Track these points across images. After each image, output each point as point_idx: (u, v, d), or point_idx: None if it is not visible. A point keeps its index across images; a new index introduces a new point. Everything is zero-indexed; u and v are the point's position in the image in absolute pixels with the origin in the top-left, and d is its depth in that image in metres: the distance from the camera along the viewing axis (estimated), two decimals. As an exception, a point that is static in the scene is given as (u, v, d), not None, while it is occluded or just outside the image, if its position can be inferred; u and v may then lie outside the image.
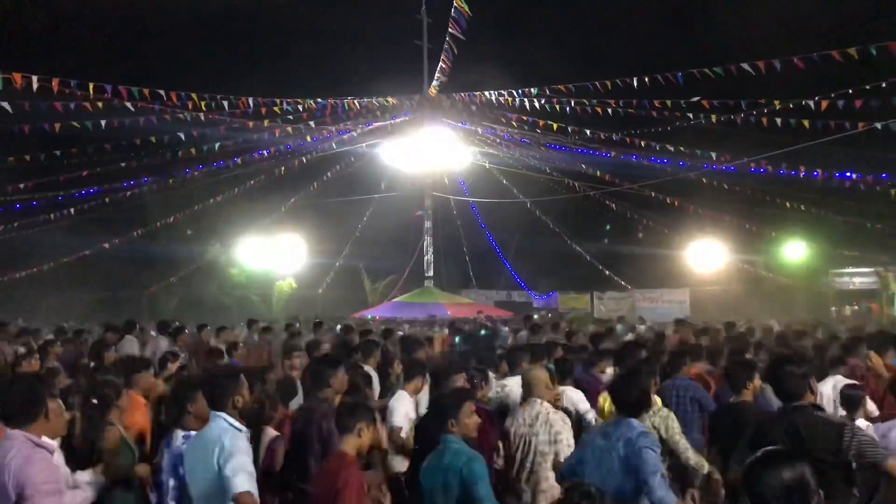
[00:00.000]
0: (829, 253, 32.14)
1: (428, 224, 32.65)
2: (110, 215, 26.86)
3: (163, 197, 29.12)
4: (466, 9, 22.03)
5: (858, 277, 32.85)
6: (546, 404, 5.82)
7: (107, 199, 26.02)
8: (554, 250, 36.26)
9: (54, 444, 4.34)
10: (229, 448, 4.22)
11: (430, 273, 32.74)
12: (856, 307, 31.78)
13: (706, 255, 33.58)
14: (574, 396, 7.14)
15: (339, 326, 17.19)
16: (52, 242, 27.29)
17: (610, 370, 8.51)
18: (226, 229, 33.21)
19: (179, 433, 4.97)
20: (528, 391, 5.86)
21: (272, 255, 33.66)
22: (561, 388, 7.06)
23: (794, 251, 32.86)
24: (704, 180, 26.44)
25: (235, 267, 34.53)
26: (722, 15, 39.18)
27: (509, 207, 33.69)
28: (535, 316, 25.31)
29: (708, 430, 6.43)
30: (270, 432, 5.73)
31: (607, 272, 34.34)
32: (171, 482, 4.89)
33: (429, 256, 32.74)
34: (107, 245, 28.60)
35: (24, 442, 3.94)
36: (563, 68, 39.19)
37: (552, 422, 5.67)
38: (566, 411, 6.43)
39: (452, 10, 22.76)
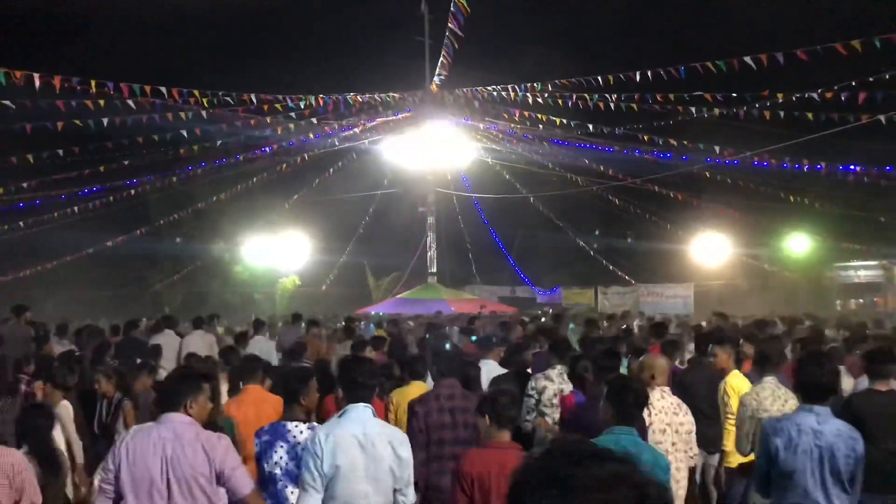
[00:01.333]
0: (834, 246, 32.05)
1: (431, 220, 32.62)
2: (113, 213, 26.87)
3: (166, 194, 29.15)
4: (465, 5, 21.93)
5: (863, 271, 32.78)
6: None
7: (111, 198, 26.03)
8: (557, 245, 36.27)
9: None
10: (402, 453, 4.16)
11: (434, 269, 32.71)
12: (861, 301, 31.73)
13: (710, 250, 33.54)
14: None
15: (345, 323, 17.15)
16: (55, 240, 27.32)
17: (678, 361, 8.80)
18: (229, 227, 33.24)
19: (301, 425, 4.83)
20: (653, 379, 5.82)
21: (276, 253, 33.69)
22: None
23: (799, 245, 32.78)
24: (708, 174, 26.39)
25: (239, 264, 34.57)
26: (725, 8, 39.08)
27: (512, 203, 33.69)
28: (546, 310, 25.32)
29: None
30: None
31: (611, 267, 34.32)
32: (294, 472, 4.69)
33: (432, 253, 32.71)
34: (109, 243, 28.63)
35: (192, 423, 4.11)
36: (566, 63, 39.14)
37: (687, 408, 5.78)
38: None
39: (452, 5, 22.70)
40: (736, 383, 6.83)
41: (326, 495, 4.00)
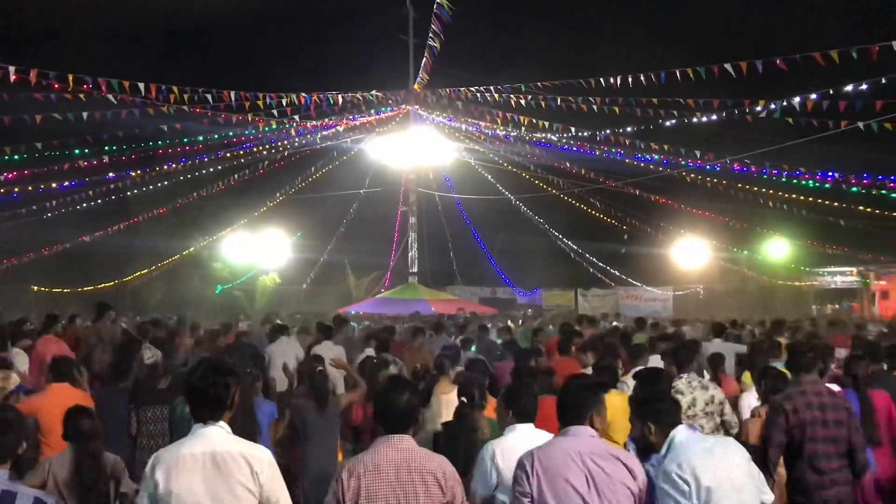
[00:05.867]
0: (812, 252, 32.38)
1: (413, 220, 32.59)
2: (92, 208, 26.63)
3: (145, 190, 28.93)
4: (447, 5, 21.95)
5: (840, 276, 33.13)
6: None
7: (90, 192, 25.81)
8: (538, 247, 36.35)
9: None
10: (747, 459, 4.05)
11: (415, 269, 32.69)
12: (837, 306, 32.04)
13: (689, 254, 33.78)
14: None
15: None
16: (32, 235, 27.05)
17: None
18: (209, 224, 33.05)
19: None
20: None
21: (256, 250, 33.55)
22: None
23: (777, 250, 33.10)
24: (688, 179, 26.54)
25: (219, 261, 34.38)
26: (706, 16, 39.37)
27: (494, 204, 33.74)
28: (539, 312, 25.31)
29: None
30: None
31: (591, 269, 34.46)
32: None
33: (413, 253, 32.68)
34: (87, 238, 28.40)
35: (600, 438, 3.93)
36: (548, 66, 39.28)
37: None
38: None
39: (435, 6, 22.70)
40: None
41: None
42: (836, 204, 26.05)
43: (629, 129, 22.98)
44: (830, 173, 22.74)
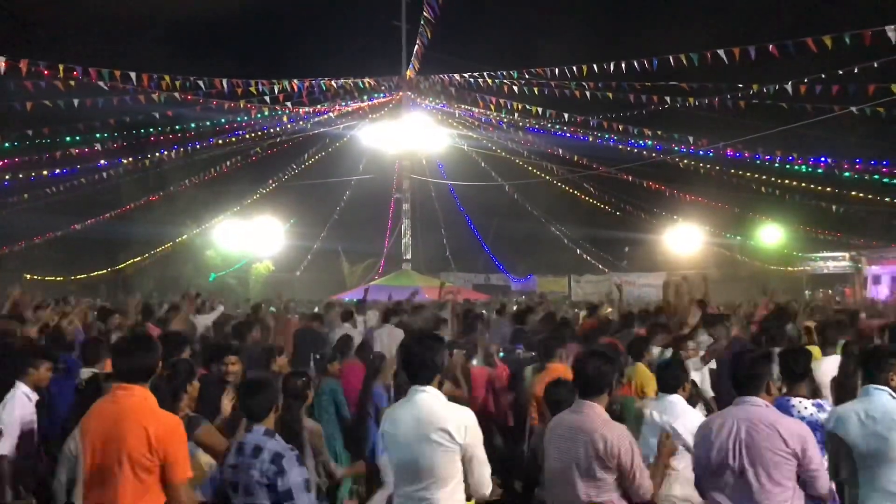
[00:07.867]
0: (804, 237, 32.44)
1: (406, 207, 32.53)
2: (83, 196, 26.50)
3: (137, 178, 28.82)
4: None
5: (833, 261, 33.19)
6: None
7: (82, 180, 25.70)
8: (532, 234, 36.36)
9: None
10: None
11: (408, 256, 32.65)
12: (830, 291, 32.14)
13: (682, 240, 33.82)
14: None
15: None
16: (23, 223, 26.93)
17: None
18: (201, 211, 32.96)
19: (805, 401, 4.75)
20: None
21: (249, 237, 33.49)
22: None
23: (770, 235, 33.15)
24: (681, 164, 26.55)
25: (211, 249, 34.30)
26: (699, 2, 39.29)
27: (488, 191, 33.68)
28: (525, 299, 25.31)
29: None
30: None
31: (585, 256, 34.47)
32: None
33: (406, 239, 32.64)
34: (78, 226, 28.30)
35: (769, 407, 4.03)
36: (541, 52, 39.16)
37: None
38: None
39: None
40: None
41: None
42: (828, 189, 26.12)
43: (622, 114, 22.99)
44: (823, 158, 22.81)
